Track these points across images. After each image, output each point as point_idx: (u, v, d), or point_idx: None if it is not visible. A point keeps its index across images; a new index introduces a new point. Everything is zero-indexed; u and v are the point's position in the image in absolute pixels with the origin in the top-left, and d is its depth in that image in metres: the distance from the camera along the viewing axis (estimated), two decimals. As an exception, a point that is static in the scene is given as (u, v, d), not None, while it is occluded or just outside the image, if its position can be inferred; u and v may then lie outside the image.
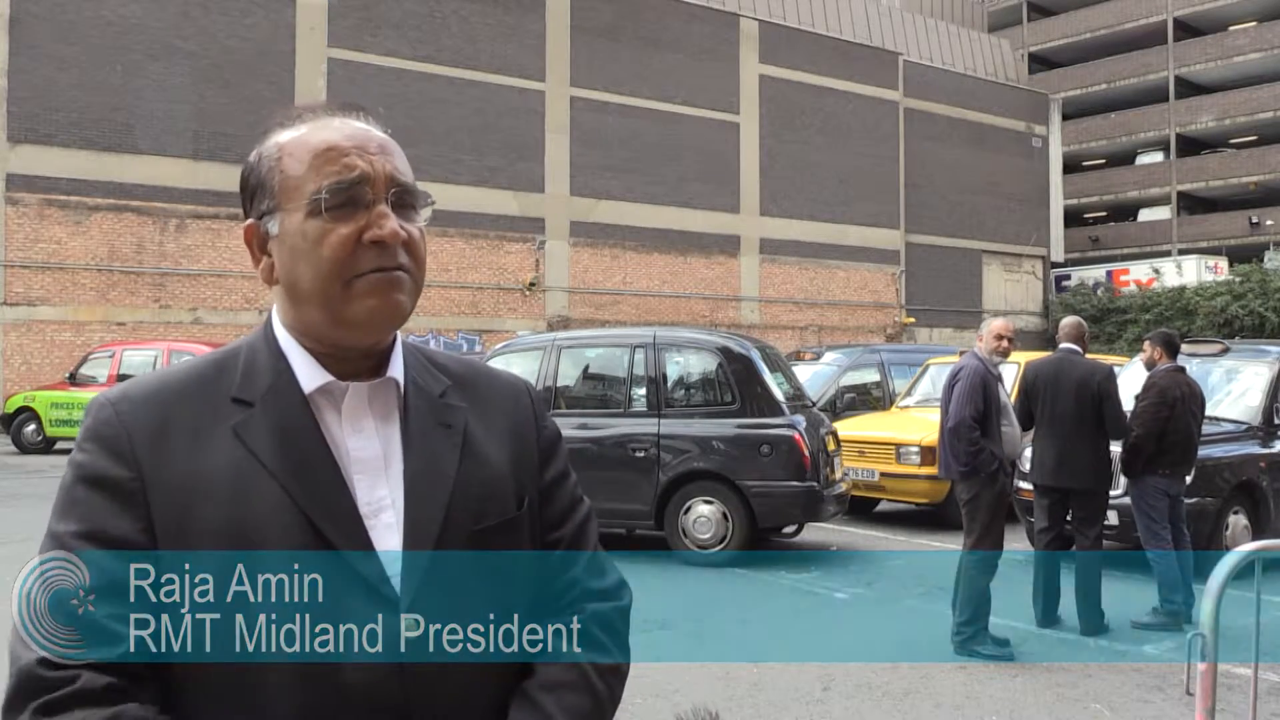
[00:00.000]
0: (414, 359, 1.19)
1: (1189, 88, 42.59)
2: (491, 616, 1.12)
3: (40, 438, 16.37)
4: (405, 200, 1.11)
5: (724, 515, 8.01)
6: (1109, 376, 6.23)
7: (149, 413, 1.07)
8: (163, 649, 1.01)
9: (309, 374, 1.11)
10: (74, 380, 16.37)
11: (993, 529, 5.80)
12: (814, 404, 9.53)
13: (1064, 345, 6.49)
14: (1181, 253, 38.46)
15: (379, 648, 1.04)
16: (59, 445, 16.57)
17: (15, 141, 20.21)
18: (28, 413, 16.45)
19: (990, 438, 5.78)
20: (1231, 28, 41.99)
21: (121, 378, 15.73)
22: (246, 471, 1.05)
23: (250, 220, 1.13)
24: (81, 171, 20.66)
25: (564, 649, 1.16)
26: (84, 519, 1.02)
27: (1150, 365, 6.72)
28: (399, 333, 1.18)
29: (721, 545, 7.99)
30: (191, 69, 21.80)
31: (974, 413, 5.73)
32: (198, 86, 21.84)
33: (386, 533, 1.08)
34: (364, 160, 1.09)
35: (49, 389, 16.86)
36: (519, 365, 8.73)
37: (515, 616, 1.15)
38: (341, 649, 1.03)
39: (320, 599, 1.03)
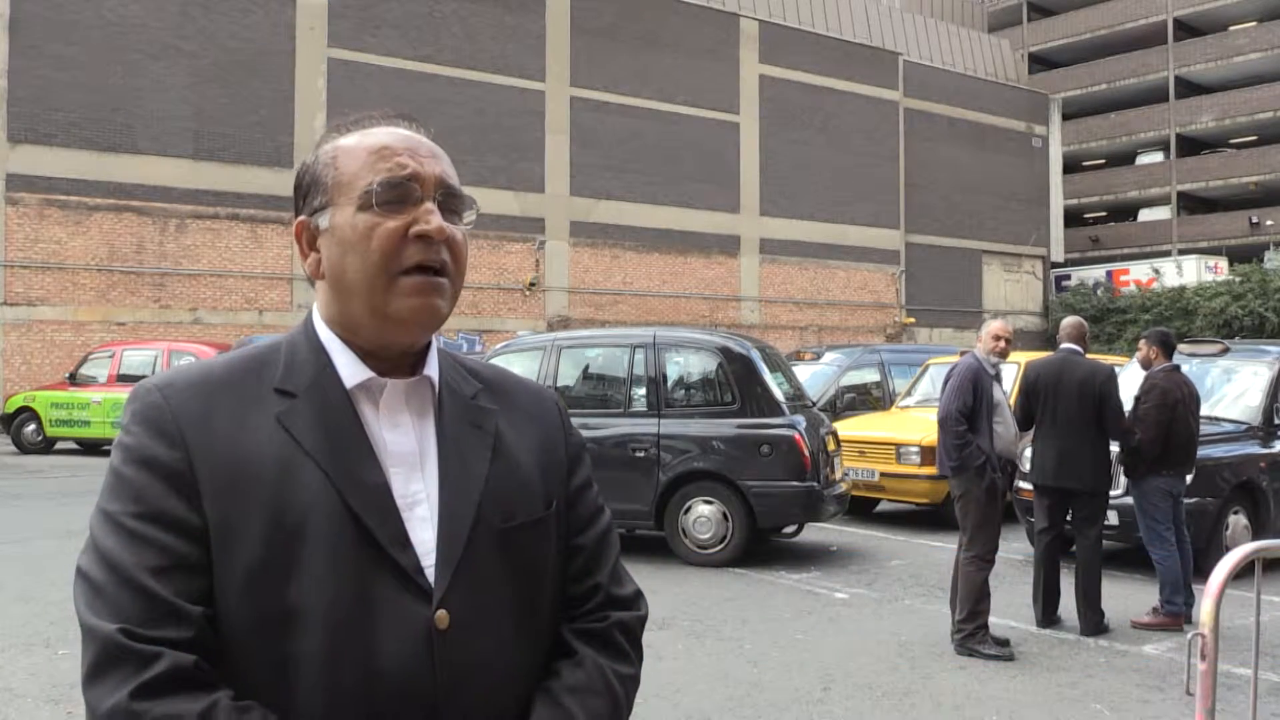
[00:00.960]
0: (446, 361, 1.23)
1: (1189, 88, 42.59)
2: (519, 613, 1.15)
3: (40, 438, 16.37)
4: (451, 204, 1.16)
5: (724, 515, 8.01)
6: (1110, 378, 6.23)
7: (194, 398, 1.09)
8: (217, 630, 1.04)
9: (350, 369, 1.14)
10: (74, 380, 16.36)
11: (986, 526, 5.79)
12: (814, 404, 9.53)
13: (1065, 345, 6.48)
14: (1181, 253, 38.47)
15: (411, 637, 1.06)
16: (59, 445, 16.59)
17: (15, 141, 20.21)
18: (28, 413, 16.46)
19: (978, 434, 5.79)
20: (1231, 28, 41.99)
21: (121, 378, 15.75)
22: (290, 457, 1.07)
23: (301, 217, 1.18)
24: (81, 171, 20.67)
25: (589, 652, 1.20)
26: (137, 499, 1.04)
27: (1146, 365, 6.69)
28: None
29: (721, 545, 8.00)
30: (191, 69, 21.80)
31: (961, 407, 5.76)
32: (198, 86, 21.85)
33: (420, 525, 1.10)
34: (415, 161, 1.14)
35: (49, 389, 16.86)
36: (519, 365, 8.72)
37: (542, 614, 1.19)
38: (375, 637, 1.05)
39: (356, 586, 1.05)
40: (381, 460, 1.11)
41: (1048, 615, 6.27)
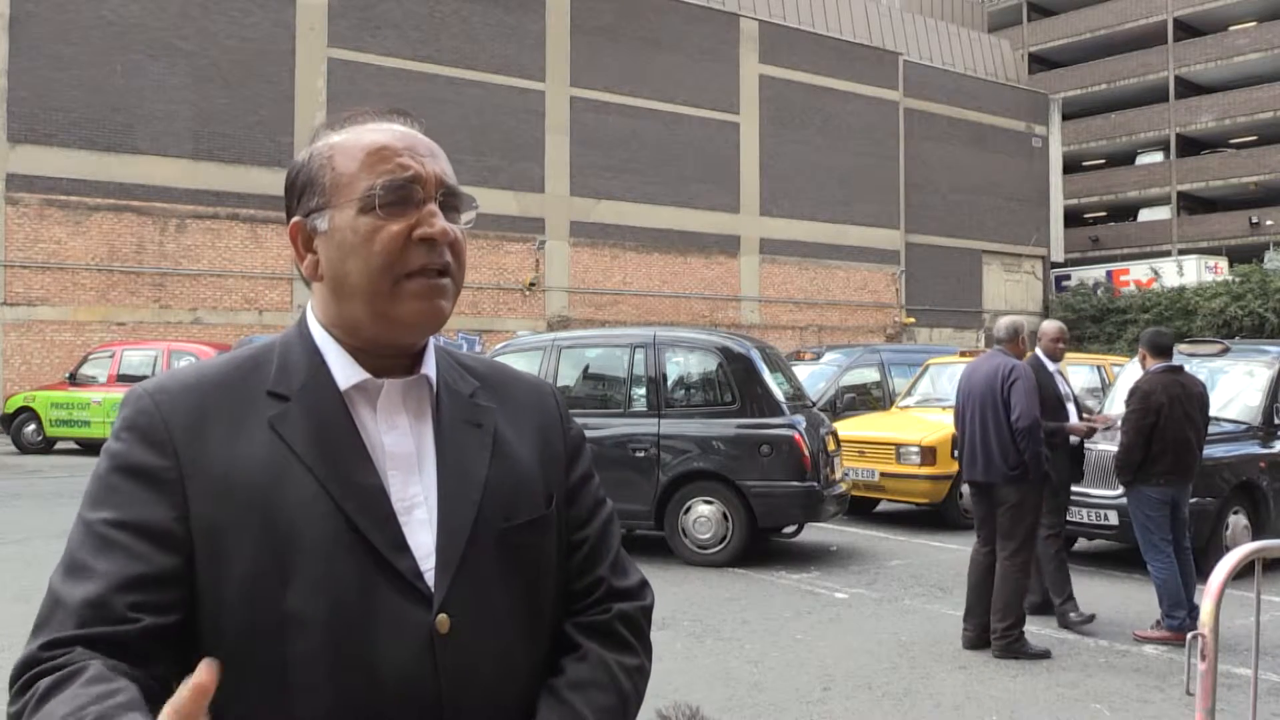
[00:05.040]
0: (443, 360, 1.21)
1: (1189, 88, 42.59)
2: (522, 613, 1.14)
3: (40, 438, 16.37)
4: (452, 203, 1.14)
5: (724, 515, 8.01)
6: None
7: (187, 403, 1.08)
8: (195, 637, 1.02)
9: (345, 371, 1.12)
10: (74, 380, 16.36)
11: (1035, 533, 5.84)
12: (814, 404, 9.53)
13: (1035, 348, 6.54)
14: (1181, 253, 38.48)
15: (412, 642, 1.05)
16: (59, 445, 16.59)
17: (15, 141, 20.21)
18: (28, 413, 16.45)
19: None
20: (1231, 28, 42.00)
21: (121, 377, 15.75)
22: (282, 464, 1.06)
23: (296, 218, 1.15)
24: (81, 171, 20.67)
25: (593, 646, 1.18)
26: (119, 507, 1.03)
27: (1143, 369, 6.59)
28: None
29: (721, 545, 8.00)
30: (191, 69, 21.80)
31: (1039, 412, 5.75)
32: (198, 86, 21.85)
33: (419, 528, 1.09)
34: (415, 161, 1.12)
35: (49, 389, 16.85)
36: (519, 366, 8.65)
37: (544, 613, 1.17)
38: (375, 643, 1.04)
39: (355, 593, 1.04)
40: (378, 463, 1.09)
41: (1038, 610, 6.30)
